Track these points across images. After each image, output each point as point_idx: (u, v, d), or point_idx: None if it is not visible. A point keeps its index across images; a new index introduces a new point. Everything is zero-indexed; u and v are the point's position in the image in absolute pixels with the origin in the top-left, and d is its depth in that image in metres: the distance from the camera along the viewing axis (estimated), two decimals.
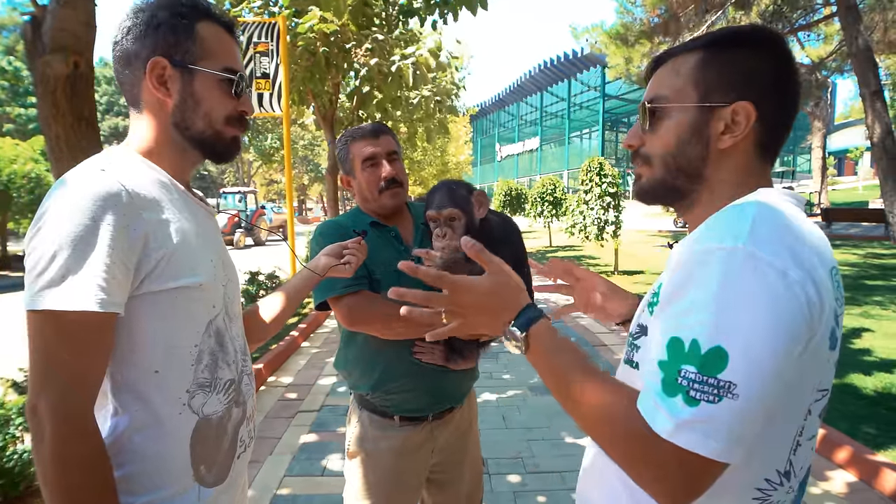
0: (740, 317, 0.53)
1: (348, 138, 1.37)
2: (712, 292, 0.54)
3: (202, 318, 0.81)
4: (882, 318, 5.08)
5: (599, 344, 4.85)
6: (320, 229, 1.36)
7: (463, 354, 1.30)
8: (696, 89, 0.69)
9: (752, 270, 0.54)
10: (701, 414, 0.53)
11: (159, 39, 0.81)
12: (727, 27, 0.72)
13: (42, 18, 1.89)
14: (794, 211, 0.64)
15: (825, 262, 0.59)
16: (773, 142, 0.69)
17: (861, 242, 11.77)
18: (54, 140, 2.11)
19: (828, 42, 16.48)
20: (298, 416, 3.36)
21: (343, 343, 1.39)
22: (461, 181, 1.28)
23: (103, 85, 39.85)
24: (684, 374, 0.54)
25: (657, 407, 0.55)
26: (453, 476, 1.43)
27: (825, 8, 12.29)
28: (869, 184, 26.47)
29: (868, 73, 8.42)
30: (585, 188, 8.25)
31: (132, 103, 0.84)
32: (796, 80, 0.69)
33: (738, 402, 0.52)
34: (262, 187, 39.09)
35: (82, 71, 2.02)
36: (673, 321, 0.57)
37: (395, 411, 1.32)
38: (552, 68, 37.94)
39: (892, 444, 2.62)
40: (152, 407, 0.76)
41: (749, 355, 0.52)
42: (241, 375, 0.89)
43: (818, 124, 19.87)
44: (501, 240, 1.25)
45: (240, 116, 0.88)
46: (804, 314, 0.54)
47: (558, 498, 2.39)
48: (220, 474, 0.83)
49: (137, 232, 0.72)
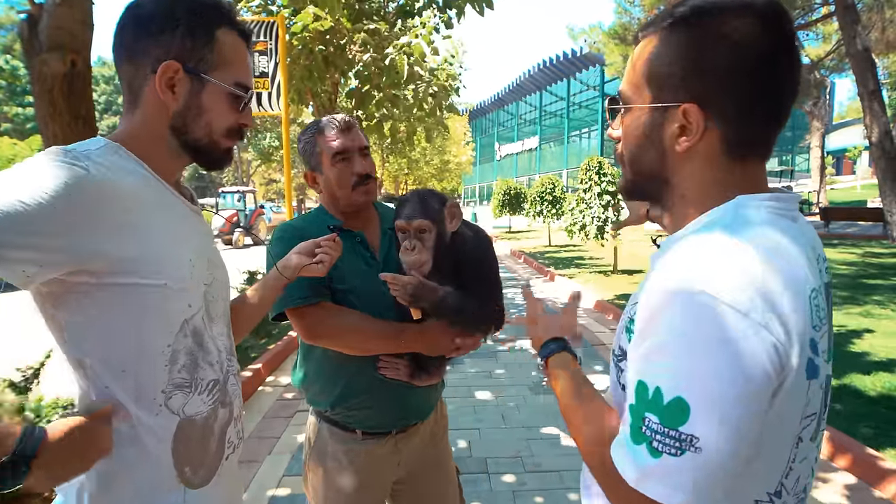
0: (700, 366, 0.51)
1: (315, 131, 1.27)
2: (673, 337, 0.52)
3: (175, 317, 0.77)
4: (881, 318, 5.09)
5: (598, 343, 4.86)
6: (278, 233, 1.26)
7: (429, 370, 1.25)
8: (650, 85, 0.63)
9: (713, 315, 0.51)
10: (664, 466, 0.51)
11: (175, 41, 0.77)
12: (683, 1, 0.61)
13: (39, 17, 1.89)
14: (771, 227, 0.57)
15: (800, 290, 0.54)
16: (751, 140, 0.61)
17: (859, 241, 11.78)
18: (51, 139, 2.10)
19: (826, 41, 16.50)
20: (297, 415, 3.36)
21: (301, 357, 1.31)
22: (434, 191, 1.22)
23: (101, 84, 39.80)
24: (648, 424, 0.53)
25: (625, 454, 0.55)
26: (421, 490, 1.37)
27: (823, 7, 12.31)
28: (867, 183, 26.52)
29: (866, 72, 8.44)
30: (584, 187, 8.25)
31: (129, 96, 0.80)
32: (778, 61, 0.57)
33: (701, 455, 0.50)
34: (262, 187, 39.04)
35: (80, 70, 2.02)
36: (641, 362, 0.56)
37: (356, 426, 1.25)
38: (551, 67, 37.95)
39: (891, 444, 2.62)
40: (124, 407, 0.73)
41: (711, 407, 0.50)
42: (227, 376, 0.86)
43: (817, 123, 19.90)
44: (471, 257, 1.20)
45: (239, 128, 0.86)
46: (770, 356, 0.51)
47: (557, 497, 2.39)
48: (207, 475, 0.81)
49: (97, 219, 0.68)
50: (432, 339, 1.21)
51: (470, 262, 1.20)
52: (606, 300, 6.39)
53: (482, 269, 1.23)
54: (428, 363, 1.25)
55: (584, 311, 6.25)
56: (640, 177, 0.67)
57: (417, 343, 1.20)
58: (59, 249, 0.65)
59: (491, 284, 1.24)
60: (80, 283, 0.69)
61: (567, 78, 38.00)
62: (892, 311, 5.32)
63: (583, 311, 6.29)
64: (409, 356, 1.24)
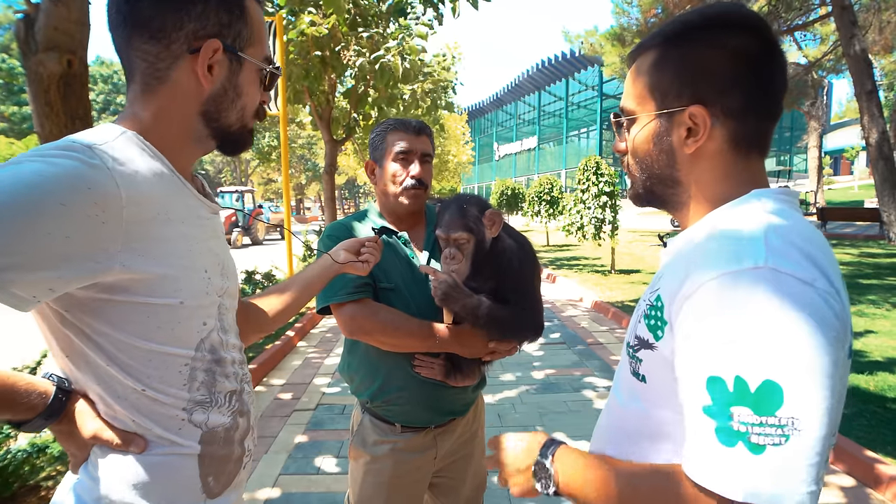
0: (783, 342, 0.48)
1: (388, 126, 1.31)
2: (745, 320, 0.49)
3: (191, 336, 0.72)
4: (876, 317, 5.11)
5: (595, 343, 4.87)
6: (328, 231, 1.32)
7: (463, 371, 1.26)
8: (653, 95, 0.67)
9: (781, 288, 0.49)
10: (772, 460, 0.47)
11: (211, 15, 0.68)
12: (684, 14, 0.67)
13: (35, 16, 1.88)
14: (797, 214, 0.61)
15: (836, 265, 0.56)
16: (751, 135, 0.65)
17: (856, 241, 11.83)
18: (48, 140, 2.10)
19: (824, 42, 16.54)
20: (294, 415, 3.36)
21: (346, 349, 1.37)
22: (474, 197, 1.24)
23: (99, 84, 39.68)
24: (739, 419, 0.48)
25: (718, 464, 0.49)
26: (456, 481, 1.41)
27: (821, 8, 12.34)
28: (864, 183, 26.59)
29: (863, 73, 8.46)
30: (582, 187, 8.27)
31: (146, 77, 0.70)
32: (771, 63, 0.63)
33: (805, 436, 0.47)
34: (260, 186, 39.00)
35: (76, 70, 2.02)
36: (705, 357, 0.52)
37: (395, 419, 1.29)
38: (550, 67, 37.97)
39: (885, 443, 2.64)
40: (147, 422, 0.70)
41: (804, 382, 0.47)
42: (242, 385, 0.83)
43: (814, 124, 19.94)
44: (512, 267, 1.20)
45: (261, 107, 0.81)
46: (837, 325, 0.50)
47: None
48: (226, 483, 0.80)
49: (110, 229, 0.61)
50: (467, 341, 1.23)
51: (511, 273, 1.21)
52: (604, 301, 6.41)
53: (522, 280, 1.24)
54: (463, 364, 1.26)
55: (582, 312, 6.26)
56: (652, 181, 0.71)
57: (452, 344, 1.22)
58: (76, 269, 0.59)
59: (530, 296, 1.25)
60: (90, 297, 0.63)
61: (565, 78, 38.02)
62: (887, 311, 5.34)
63: (581, 311, 6.30)
64: (445, 356, 1.26)
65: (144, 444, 0.70)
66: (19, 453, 2.16)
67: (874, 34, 12.09)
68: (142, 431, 0.70)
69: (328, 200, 8.37)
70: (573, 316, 6.01)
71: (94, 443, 0.70)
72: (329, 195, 8.32)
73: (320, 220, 29.22)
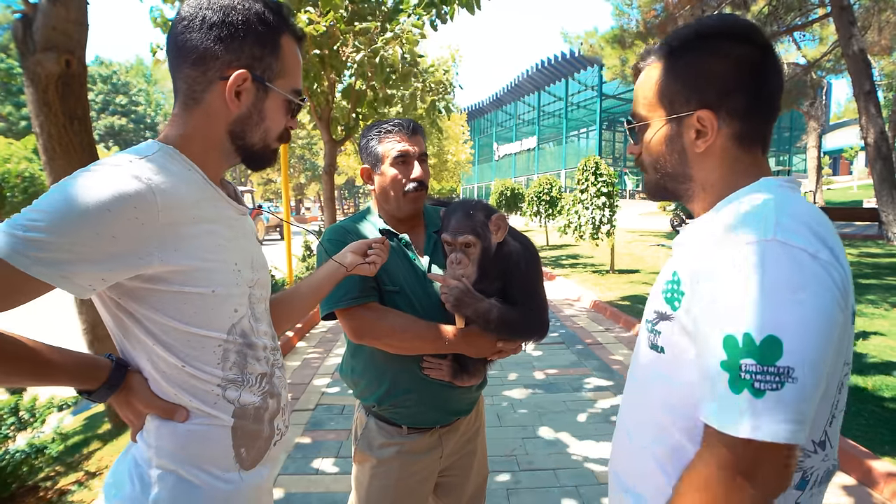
0: (785, 303, 0.56)
1: (381, 130, 1.30)
2: (754, 285, 0.58)
3: (222, 321, 0.82)
4: (875, 317, 5.11)
5: (594, 343, 4.87)
6: (329, 235, 1.30)
7: (469, 370, 1.28)
8: (662, 102, 0.75)
9: (788, 258, 0.58)
10: (769, 402, 0.56)
11: (245, 48, 0.79)
12: (682, 28, 0.76)
13: (33, 17, 1.88)
14: (799, 196, 0.69)
15: (838, 240, 0.64)
16: (754, 132, 0.72)
17: (855, 241, 11.83)
18: (46, 139, 2.10)
19: (823, 43, 16.55)
20: (293, 415, 3.36)
21: (350, 353, 1.36)
22: (480, 202, 1.26)
23: (98, 84, 39.60)
24: (745, 368, 0.57)
25: (727, 409, 0.58)
26: (460, 479, 1.42)
27: (820, 9, 12.35)
28: (863, 183, 26.62)
29: (862, 74, 8.48)
30: (581, 188, 8.27)
31: (185, 98, 0.82)
32: (767, 67, 0.71)
33: (798, 384, 0.55)
34: (259, 186, 38.96)
35: (74, 70, 2.02)
36: (720, 320, 0.60)
37: (402, 422, 1.30)
38: (549, 68, 37.95)
39: (883, 443, 2.64)
40: (187, 396, 0.81)
41: (800, 338, 0.56)
42: (273, 369, 0.92)
43: (813, 124, 19.96)
44: (518, 269, 1.23)
45: (287, 131, 0.90)
46: (837, 293, 0.58)
47: (551, 495, 2.40)
48: (257, 457, 0.89)
49: (148, 230, 0.72)
50: (474, 341, 1.24)
51: (518, 274, 1.24)
52: (603, 300, 6.41)
53: (529, 281, 1.26)
54: (469, 363, 1.28)
55: (580, 311, 6.26)
56: (666, 179, 0.79)
57: (460, 345, 1.23)
58: (122, 263, 0.71)
59: (536, 297, 1.28)
60: (136, 287, 0.75)
61: (565, 78, 38.02)
62: (886, 311, 5.35)
63: (580, 310, 6.31)
64: (452, 356, 1.27)
65: (186, 414, 0.81)
66: (18, 454, 2.16)
67: (873, 35, 12.11)
68: (184, 403, 0.81)
69: (328, 200, 8.37)
70: (572, 315, 6.02)
71: (148, 411, 0.81)
72: (329, 195, 8.32)
73: (320, 220, 29.17)
